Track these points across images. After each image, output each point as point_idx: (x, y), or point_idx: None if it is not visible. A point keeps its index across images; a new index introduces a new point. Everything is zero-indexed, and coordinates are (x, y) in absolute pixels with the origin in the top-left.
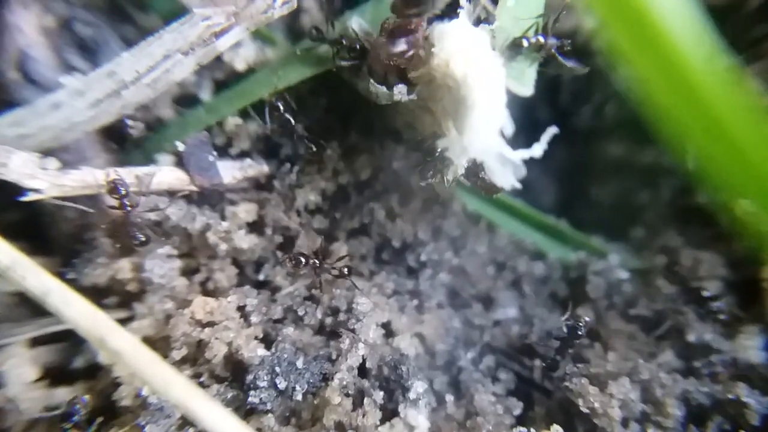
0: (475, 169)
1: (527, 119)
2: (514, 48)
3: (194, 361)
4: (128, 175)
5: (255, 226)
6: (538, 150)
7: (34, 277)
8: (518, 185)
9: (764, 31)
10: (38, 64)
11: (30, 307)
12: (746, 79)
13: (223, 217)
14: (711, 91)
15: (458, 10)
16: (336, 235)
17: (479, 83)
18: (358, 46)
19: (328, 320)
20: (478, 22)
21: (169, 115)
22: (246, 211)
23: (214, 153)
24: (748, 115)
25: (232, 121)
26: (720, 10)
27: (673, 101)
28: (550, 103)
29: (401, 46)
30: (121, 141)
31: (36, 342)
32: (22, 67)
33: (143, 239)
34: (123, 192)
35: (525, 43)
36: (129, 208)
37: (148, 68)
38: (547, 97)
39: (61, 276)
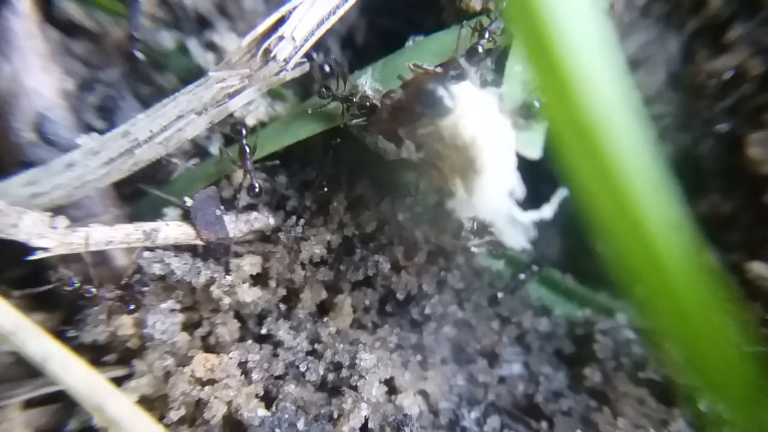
0: (483, 228)
1: (532, 172)
2: (522, 111)
3: (192, 421)
4: (135, 230)
5: (259, 279)
6: (548, 211)
7: (35, 341)
8: (528, 246)
9: (766, 100)
10: (55, 125)
11: (27, 366)
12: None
13: (227, 271)
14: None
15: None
16: (340, 287)
17: (488, 146)
18: (367, 104)
19: (331, 376)
20: (485, 84)
21: (179, 170)
22: (251, 263)
23: (221, 207)
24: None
25: (241, 175)
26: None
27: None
28: (555, 157)
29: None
30: (130, 195)
31: (30, 403)
32: (39, 128)
33: (133, 308)
34: (76, 284)
35: (533, 107)
36: (93, 291)
37: (161, 128)
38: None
39: (61, 334)
